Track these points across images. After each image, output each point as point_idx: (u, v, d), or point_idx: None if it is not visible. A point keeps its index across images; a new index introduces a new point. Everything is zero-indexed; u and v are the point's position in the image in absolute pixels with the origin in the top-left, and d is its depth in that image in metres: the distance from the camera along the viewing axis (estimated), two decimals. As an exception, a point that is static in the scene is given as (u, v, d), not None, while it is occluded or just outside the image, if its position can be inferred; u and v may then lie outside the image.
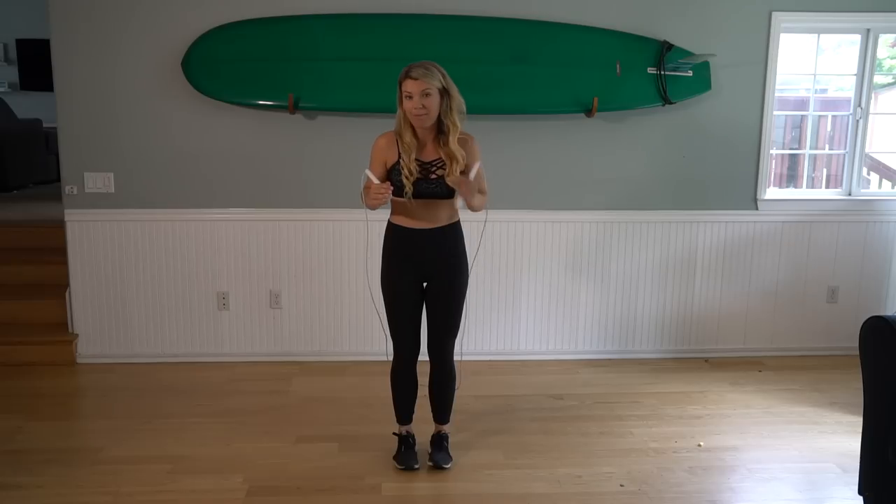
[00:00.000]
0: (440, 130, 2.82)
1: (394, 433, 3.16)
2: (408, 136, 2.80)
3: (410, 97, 2.72)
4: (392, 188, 2.77)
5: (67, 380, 4.05)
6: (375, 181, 2.78)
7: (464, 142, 2.84)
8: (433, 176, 2.82)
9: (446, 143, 2.80)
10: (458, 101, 2.80)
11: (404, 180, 2.79)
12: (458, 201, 2.88)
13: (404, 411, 3.13)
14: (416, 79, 2.71)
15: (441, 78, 2.75)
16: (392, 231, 2.95)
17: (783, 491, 3.00)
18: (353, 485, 2.97)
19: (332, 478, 3.01)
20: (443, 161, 2.81)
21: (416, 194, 2.81)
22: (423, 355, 3.05)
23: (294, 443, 3.31)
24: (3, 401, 3.70)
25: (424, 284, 2.97)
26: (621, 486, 2.99)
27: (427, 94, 2.72)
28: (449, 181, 2.78)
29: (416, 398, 3.12)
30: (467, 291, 3.02)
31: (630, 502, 2.89)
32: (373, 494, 2.91)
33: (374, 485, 2.96)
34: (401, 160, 2.80)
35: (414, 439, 3.14)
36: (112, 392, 3.87)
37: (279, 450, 3.24)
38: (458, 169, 2.79)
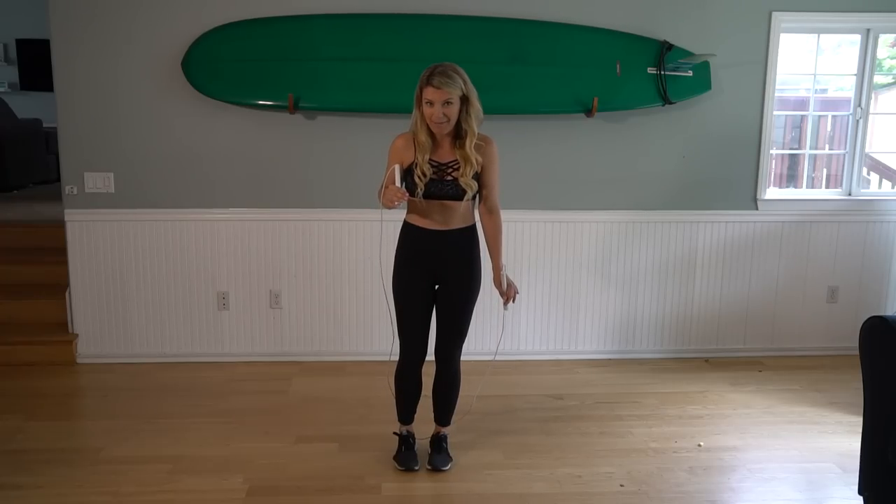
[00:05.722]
0: (457, 133, 2.80)
1: (394, 433, 3.16)
2: (423, 136, 2.78)
3: (431, 104, 2.71)
4: (408, 195, 2.77)
5: (67, 380, 4.05)
6: (398, 181, 2.76)
7: (480, 147, 2.82)
8: (448, 177, 2.81)
9: (462, 147, 2.79)
10: (477, 108, 2.78)
11: (416, 180, 2.78)
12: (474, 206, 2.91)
13: (406, 412, 3.13)
14: (437, 87, 2.68)
15: (462, 85, 2.72)
16: (406, 230, 2.94)
17: (783, 491, 3.00)
18: (353, 485, 2.97)
19: (332, 478, 3.01)
20: (458, 163, 2.80)
21: (431, 195, 2.80)
22: (429, 356, 3.05)
23: (294, 443, 3.31)
24: (3, 401, 3.70)
25: (436, 287, 2.97)
26: (621, 486, 2.99)
27: (448, 103, 2.71)
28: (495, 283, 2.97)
29: (419, 399, 3.12)
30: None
31: (630, 502, 2.89)
32: (373, 494, 2.91)
33: (374, 485, 2.97)
34: (416, 160, 2.80)
35: (414, 439, 3.14)
36: (112, 392, 3.87)
37: (279, 450, 3.24)
38: (470, 172, 2.79)
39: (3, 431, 3.37)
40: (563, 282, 4.33)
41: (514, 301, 3.02)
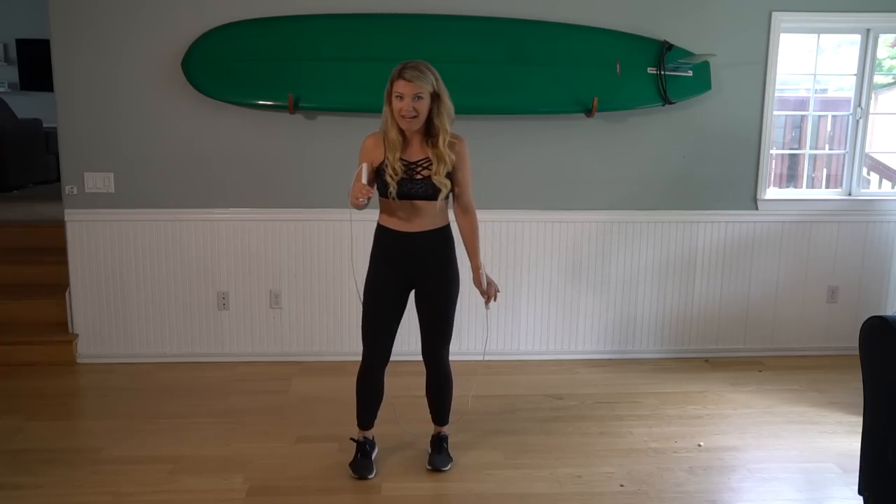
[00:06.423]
0: (428, 132, 2.77)
1: (352, 438, 3.10)
2: (393, 134, 2.74)
3: (401, 98, 2.68)
4: (371, 193, 2.73)
5: (67, 380, 4.05)
6: (364, 179, 2.72)
7: (452, 145, 2.78)
8: (418, 176, 2.78)
9: (435, 145, 2.75)
10: (449, 105, 2.75)
11: (388, 179, 2.75)
12: (448, 205, 2.88)
13: (366, 417, 3.07)
14: (409, 81, 2.66)
15: (434, 81, 2.70)
16: (379, 233, 2.91)
17: (783, 491, 3.00)
18: (353, 485, 2.97)
19: (332, 478, 3.01)
20: (429, 161, 2.77)
21: (401, 195, 2.77)
22: (416, 355, 3.03)
23: (294, 443, 3.31)
24: (3, 401, 3.70)
25: (413, 291, 2.94)
26: (621, 486, 2.99)
27: (419, 98, 2.68)
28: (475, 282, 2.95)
29: (380, 405, 3.07)
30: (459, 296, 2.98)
31: (630, 502, 2.89)
32: (373, 494, 2.91)
33: (374, 485, 2.97)
34: (386, 159, 2.77)
35: (372, 445, 3.10)
36: (112, 392, 3.87)
37: (279, 450, 3.24)
38: (444, 170, 2.75)
39: (3, 431, 3.38)
40: (563, 282, 4.33)
41: (495, 300, 3.00)
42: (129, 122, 4.02)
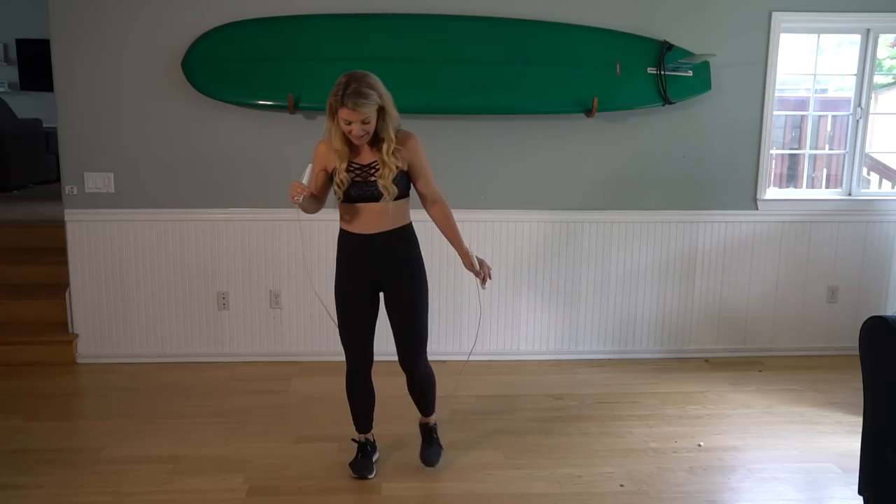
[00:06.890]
0: (375, 138, 2.73)
1: (353, 439, 3.11)
2: (339, 143, 2.72)
3: (349, 123, 2.65)
4: (307, 192, 2.74)
5: (67, 380, 4.05)
6: (304, 180, 2.72)
7: (398, 151, 2.74)
8: (371, 178, 2.76)
9: (380, 151, 2.73)
10: (393, 113, 2.71)
11: (336, 188, 2.76)
12: (408, 205, 2.87)
13: (361, 420, 3.08)
14: (353, 109, 2.61)
15: (378, 98, 2.64)
16: (341, 237, 2.91)
17: (783, 491, 3.00)
18: (353, 485, 2.97)
19: (332, 478, 3.01)
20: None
21: (356, 198, 2.77)
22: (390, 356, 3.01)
23: (294, 443, 3.31)
24: (3, 401, 3.70)
25: (381, 294, 2.92)
26: (621, 486, 2.99)
27: (366, 122, 2.65)
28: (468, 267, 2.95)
29: (373, 407, 3.08)
30: (429, 298, 2.96)
31: (630, 502, 2.89)
32: (373, 494, 2.91)
33: (374, 485, 2.97)
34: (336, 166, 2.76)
35: (373, 447, 3.11)
36: (112, 392, 3.87)
37: (279, 450, 3.24)
38: (390, 175, 2.72)
39: (4, 431, 3.38)
40: (563, 282, 4.33)
41: (490, 278, 2.99)
42: (129, 122, 4.02)
